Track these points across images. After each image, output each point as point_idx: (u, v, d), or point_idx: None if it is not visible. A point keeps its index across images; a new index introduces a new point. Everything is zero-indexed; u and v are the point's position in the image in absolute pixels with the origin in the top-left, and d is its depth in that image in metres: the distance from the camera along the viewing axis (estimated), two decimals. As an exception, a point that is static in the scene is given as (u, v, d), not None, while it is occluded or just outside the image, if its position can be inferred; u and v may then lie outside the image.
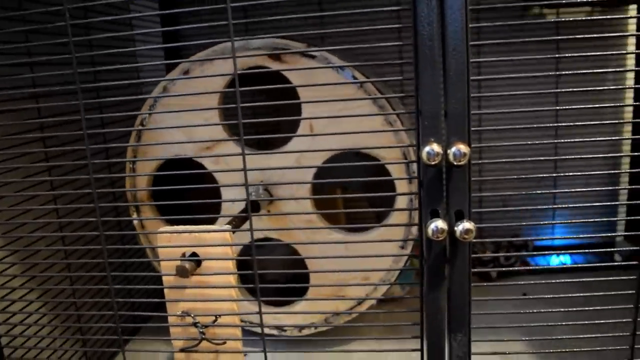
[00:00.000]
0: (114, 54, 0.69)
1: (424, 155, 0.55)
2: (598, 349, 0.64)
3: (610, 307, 0.62)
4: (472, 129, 0.57)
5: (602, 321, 0.64)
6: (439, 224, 0.57)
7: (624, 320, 0.64)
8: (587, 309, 0.64)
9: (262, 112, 1.34)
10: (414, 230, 0.90)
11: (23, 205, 0.81)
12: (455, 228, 0.57)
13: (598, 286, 0.63)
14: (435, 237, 0.57)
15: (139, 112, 0.94)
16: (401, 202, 0.92)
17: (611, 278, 0.62)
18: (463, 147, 0.55)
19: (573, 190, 1.10)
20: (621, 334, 0.64)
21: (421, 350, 0.65)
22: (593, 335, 0.64)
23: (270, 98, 1.26)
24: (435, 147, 0.55)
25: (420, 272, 0.62)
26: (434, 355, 0.63)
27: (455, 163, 0.55)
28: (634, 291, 0.62)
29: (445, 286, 0.61)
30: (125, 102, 1.01)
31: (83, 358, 0.99)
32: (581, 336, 0.65)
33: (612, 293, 0.62)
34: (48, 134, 0.87)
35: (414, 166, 0.86)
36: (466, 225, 0.56)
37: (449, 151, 0.55)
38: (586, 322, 0.64)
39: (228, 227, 0.67)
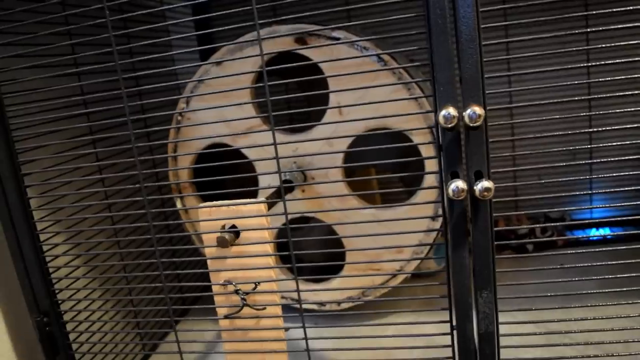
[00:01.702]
0: (152, 54, 0.75)
1: (440, 118, 0.58)
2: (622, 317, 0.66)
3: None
4: (488, 92, 0.59)
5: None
6: (459, 184, 0.60)
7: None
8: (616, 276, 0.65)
9: (295, 100, 1.39)
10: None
11: (81, 203, 0.89)
12: (475, 187, 0.60)
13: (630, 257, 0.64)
14: (456, 197, 0.60)
15: (175, 99, 1.00)
16: (432, 176, 0.95)
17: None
18: (478, 109, 0.58)
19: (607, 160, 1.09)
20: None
21: (449, 308, 0.68)
22: (615, 289, 0.66)
23: (299, 86, 1.31)
24: (452, 111, 0.58)
25: (444, 232, 0.65)
26: (461, 312, 0.66)
27: (471, 125, 0.58)
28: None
29: (468, 244, 0.64)
30: (163, 97, 1.08)
31: (136, 328, 1.06)
32: (605, 290, 0.67)
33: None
34: (99, 136, 0.93)
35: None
36: (485, 184, 0.59)
37: (464, 113, 0.58)
38: (610, 276, 0.66)
39: (262, 199, 0.72)
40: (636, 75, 0.64)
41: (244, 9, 0.66)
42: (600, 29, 0.61)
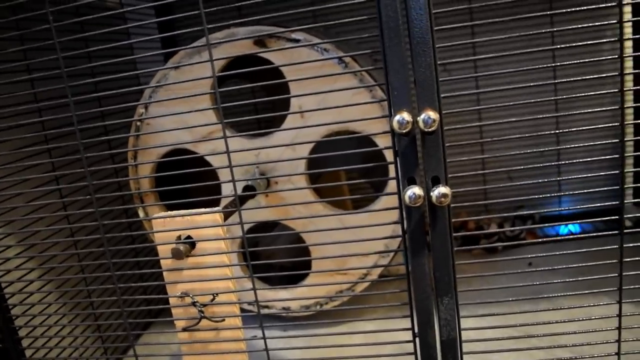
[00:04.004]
0: (113, 58, 0.72)
1: (394, 124, 0.57)
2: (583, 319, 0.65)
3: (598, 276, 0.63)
4: (443, 95, 0.58)
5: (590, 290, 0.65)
6: (416, 190, 0.58)
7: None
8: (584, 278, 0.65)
9: (262, 105, 1.37)
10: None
11: (36, 213, 0.86)
12: (432, 193, 0.58)
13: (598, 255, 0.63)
14: (413, 204, 0.58)
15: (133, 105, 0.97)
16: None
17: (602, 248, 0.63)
18: (432, 114, 0.56)
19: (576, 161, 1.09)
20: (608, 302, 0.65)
21: (411, 315, 0.67)
22: (575, 293, 0.66)
23: (264, 88, 1.29)
24: (405, 116, 0.57)
25: (402, 239, 0.63)
26: (422, 319, 0.65)
27: (426, 130, 0.57)
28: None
29: (427, 251, 0.63)
30: (124, 100, 1.04)
31: (99, 341, 1.03)
32: (568, 293, 0.67)
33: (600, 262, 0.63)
34: (48, 146, 0.90)
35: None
36: (442, 190, 0.58)
37: (418, 118, 0.56)
38: (573, 279, 0.66)
39: (218, 208, 0.69)
40: (602, 75, 0.63)
41: (209, 10, 0.64)
42: (565, 28, 0.60)
